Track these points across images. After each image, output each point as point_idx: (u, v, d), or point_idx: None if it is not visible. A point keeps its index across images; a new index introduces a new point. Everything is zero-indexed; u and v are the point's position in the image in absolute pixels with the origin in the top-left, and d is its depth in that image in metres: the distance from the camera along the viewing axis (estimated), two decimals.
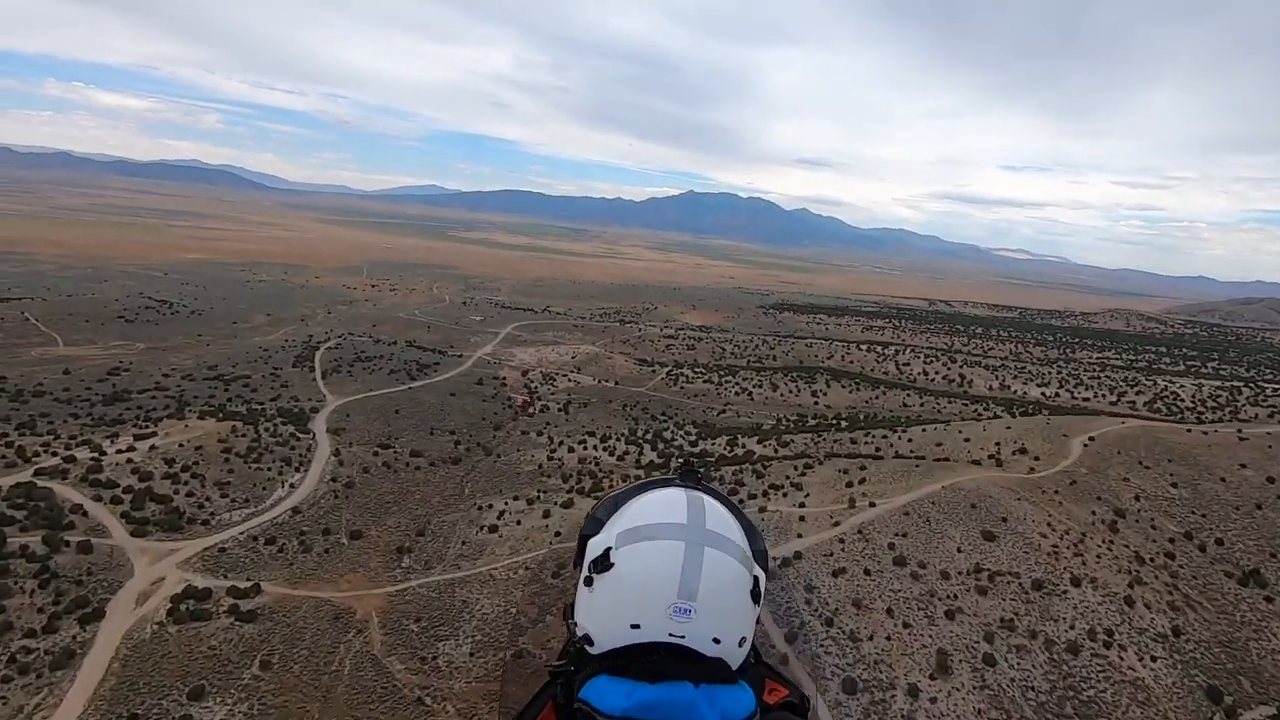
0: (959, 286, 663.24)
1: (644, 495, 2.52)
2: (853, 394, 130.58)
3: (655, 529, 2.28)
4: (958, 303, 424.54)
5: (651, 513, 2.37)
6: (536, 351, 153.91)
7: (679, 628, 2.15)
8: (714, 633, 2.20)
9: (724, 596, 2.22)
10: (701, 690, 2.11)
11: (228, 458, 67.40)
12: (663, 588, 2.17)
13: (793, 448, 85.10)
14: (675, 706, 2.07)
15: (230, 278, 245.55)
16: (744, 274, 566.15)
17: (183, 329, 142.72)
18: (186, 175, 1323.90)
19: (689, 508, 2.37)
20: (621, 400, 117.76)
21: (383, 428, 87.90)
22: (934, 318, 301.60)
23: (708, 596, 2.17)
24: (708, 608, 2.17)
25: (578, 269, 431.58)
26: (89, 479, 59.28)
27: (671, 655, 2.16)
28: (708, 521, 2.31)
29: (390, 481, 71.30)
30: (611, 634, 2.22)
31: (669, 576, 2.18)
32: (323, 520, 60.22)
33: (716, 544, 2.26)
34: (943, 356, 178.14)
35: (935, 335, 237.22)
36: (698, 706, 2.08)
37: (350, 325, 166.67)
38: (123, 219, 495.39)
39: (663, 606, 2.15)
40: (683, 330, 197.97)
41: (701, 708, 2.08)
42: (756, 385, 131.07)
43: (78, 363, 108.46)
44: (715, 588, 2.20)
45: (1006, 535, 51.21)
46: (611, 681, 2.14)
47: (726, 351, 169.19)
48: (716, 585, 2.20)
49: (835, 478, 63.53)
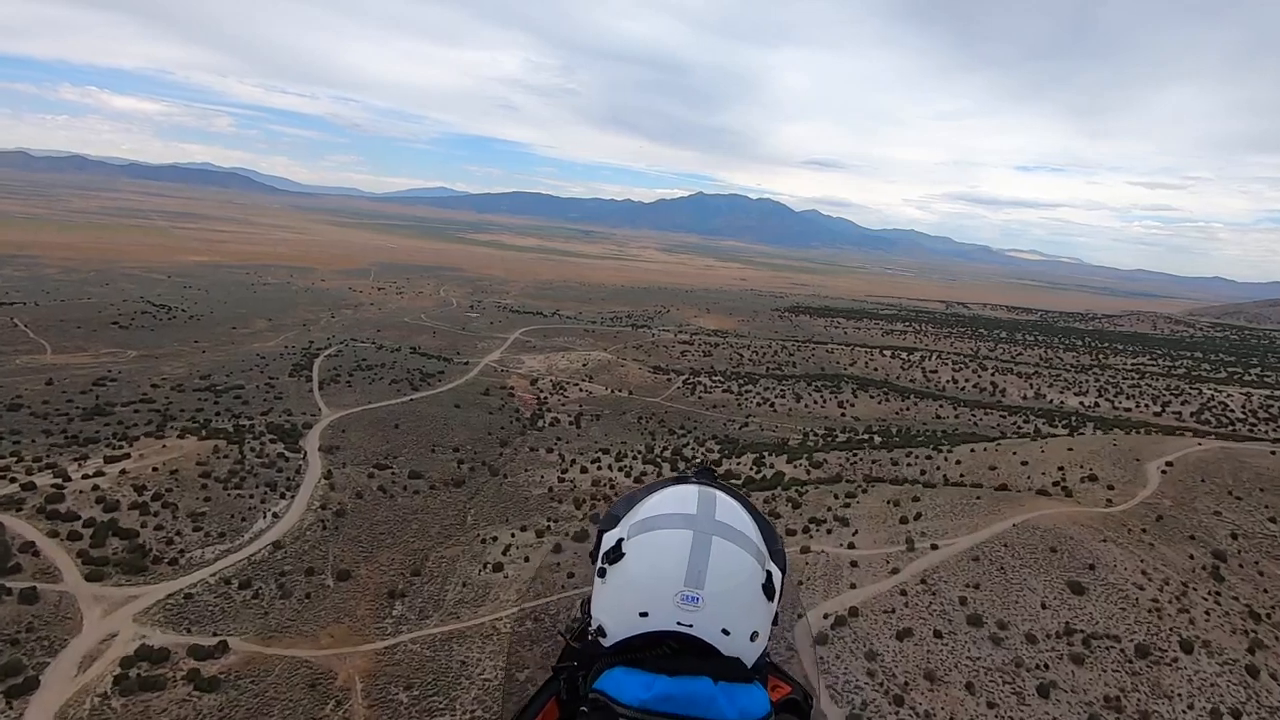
0: (973, 288, 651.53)
1: (659, 492, 2.51)
2: (881, 404, 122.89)
3: (665, 519, 2.31)
4: (975, 305, 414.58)
5: (663, 505, 2.39)
6: (546, 358, 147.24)
7: (687, 616, 2.14)
8: (723, 623, 2.17)
9: (732, 587, 2.20)
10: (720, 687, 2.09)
11: (205, 483, 60.88)
12: (670, 575, 2.17)
13: (827, 469, 77.77)
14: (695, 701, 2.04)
15: (234, 280, 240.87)
16: (755, 276, 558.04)
17: (179, 335, 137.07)
18: (199, 178, 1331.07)
19: (700, 500, 2.38)
20: (636, 412, 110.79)
21: (380, 445, 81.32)
22: (954, 321, 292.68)
23: (715, 585, 2.16)
24: (715, 597, 2.15)
25: (587, 271, 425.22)
26: (47, 510, 52.90)
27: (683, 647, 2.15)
28: (718, 513, 2.33)
29: (385, 508, 64.62)
30: (622, 623, 2.23)
31: (676, 564, 2.18)
32: (307, 557, 53.57)
33: (725, 534, 2.26)
34: (970, 363, 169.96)
35: (959, 339, 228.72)
36: (717, 701, 2.05)
37: (353, 330, 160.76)
38: (132, 222, 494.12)
39: (670, 594, 2.15)
40: (697, 335, 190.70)
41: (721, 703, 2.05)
42: (779, 395, 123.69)
43: (63, 372, 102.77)
44: (723, 577, 2.18)
45: (1097, 586, 43.73)
46: (629, 673, 2.11)
47: (744, 358, 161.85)
48: (724, 575, 2.19)
49: (885, 511, 56.17)
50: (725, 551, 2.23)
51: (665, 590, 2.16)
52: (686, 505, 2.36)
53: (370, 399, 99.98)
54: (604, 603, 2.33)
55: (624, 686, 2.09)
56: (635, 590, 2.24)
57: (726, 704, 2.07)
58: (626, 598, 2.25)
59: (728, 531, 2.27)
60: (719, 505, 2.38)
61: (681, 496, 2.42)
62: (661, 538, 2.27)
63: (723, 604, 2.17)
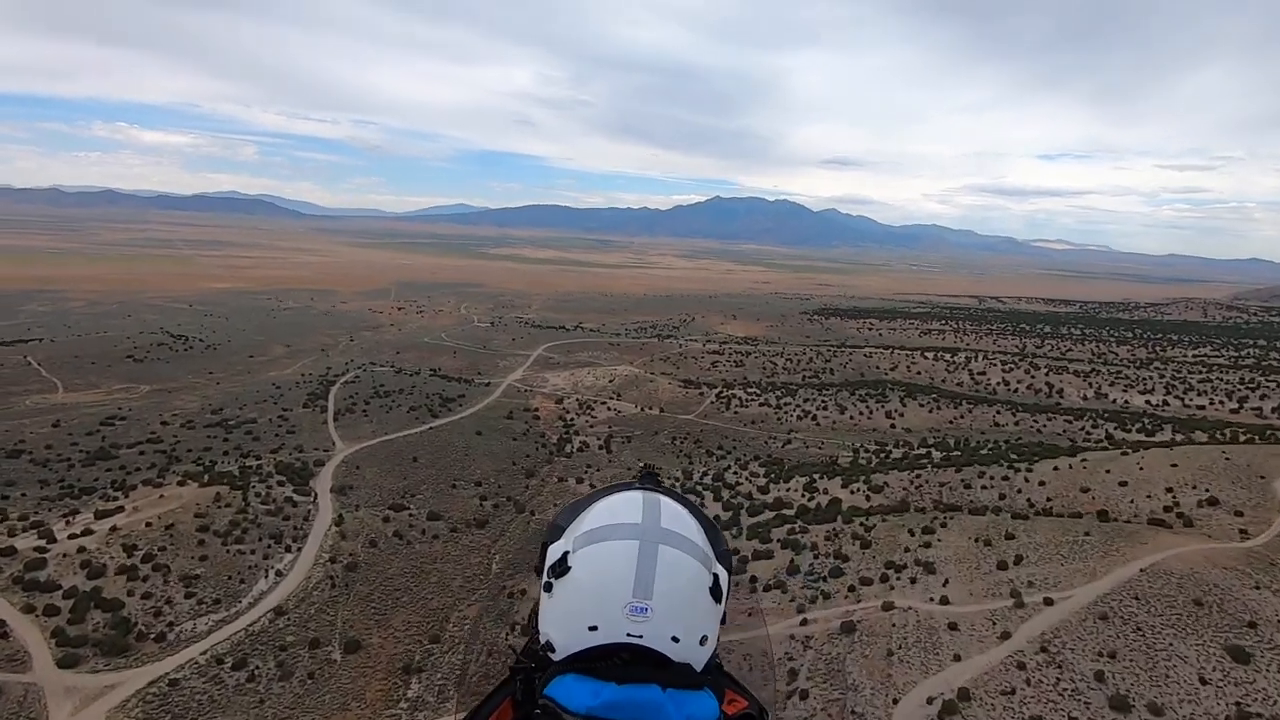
0: (1002, 281, 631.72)
1: (603, 500, 2.47)
2: (933, 413, 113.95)
3: (610, 530, 2.28)
4: (1009, 299, 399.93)
5: (608, 515, 2.35)
6: (571, 375, 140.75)
7: (636, 627, 2.13)
8: (672, 631, 2.17)
9: (681, 594, 2.20)
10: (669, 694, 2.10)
11: (203, 539, 54.99)
12: (618, 587, 2.16)
13: (889, 494, 69.68)
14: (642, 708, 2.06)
15: (255, 306, 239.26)
16: (778, 278, 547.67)
17: (194, 367, 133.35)
18: (225, 206, 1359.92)
19: (644, 508, 2.35)
20: (669, 431, 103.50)
21: (397, 482, 75.18)
22: (991, 317, 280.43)
23: (664, 594, 2.15)
24: (664, 606, 2.15)
25: (608, 281, 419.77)
26: (25, 579, 47.33)
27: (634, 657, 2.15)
28: (663, 520, 2.31)
29: (402, 558, 58.20)
30: (571, 637, 2.21)
31: (624, 576, 2.16)
32: (312, 624, 47.20)
33: (671, 542, 2.25)
34: (1020, 362, 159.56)
35: (1001, 337, 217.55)
36: (664, 709, 2.07)
37: (372, 354, 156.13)
38: (159, 252, 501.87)
39: (619, 606, 2.14)
40: (727, 344, 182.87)
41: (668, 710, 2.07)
42: (820, 407, 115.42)
43: (72, 412, 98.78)
44: (671, 585, 2.18)
45: (1264, 651, 35.35)
46: (578, 680, 2.12)
47: (778, 366, 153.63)
48: (672, 583, 2.18)
49: (975, 551, 48.10)
50: (671, 559, 2.21)
51: (613, 602, 2.15)
52: (631, 514, 2.32)
53: (387, 429, 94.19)
54: (552, 617, 2.28)
55: (573, 694, 2.09)
56: (583, 604, 2.20)
57: (674, 711, 2.08)
58: (575, 612, 2.21)
59: (673, 539, 2.26)
60: (664, 511, 2.35)
61: (626, 504, 2.38)
62: (607, 549, 2.23)
63: (671, 612, 2.17)
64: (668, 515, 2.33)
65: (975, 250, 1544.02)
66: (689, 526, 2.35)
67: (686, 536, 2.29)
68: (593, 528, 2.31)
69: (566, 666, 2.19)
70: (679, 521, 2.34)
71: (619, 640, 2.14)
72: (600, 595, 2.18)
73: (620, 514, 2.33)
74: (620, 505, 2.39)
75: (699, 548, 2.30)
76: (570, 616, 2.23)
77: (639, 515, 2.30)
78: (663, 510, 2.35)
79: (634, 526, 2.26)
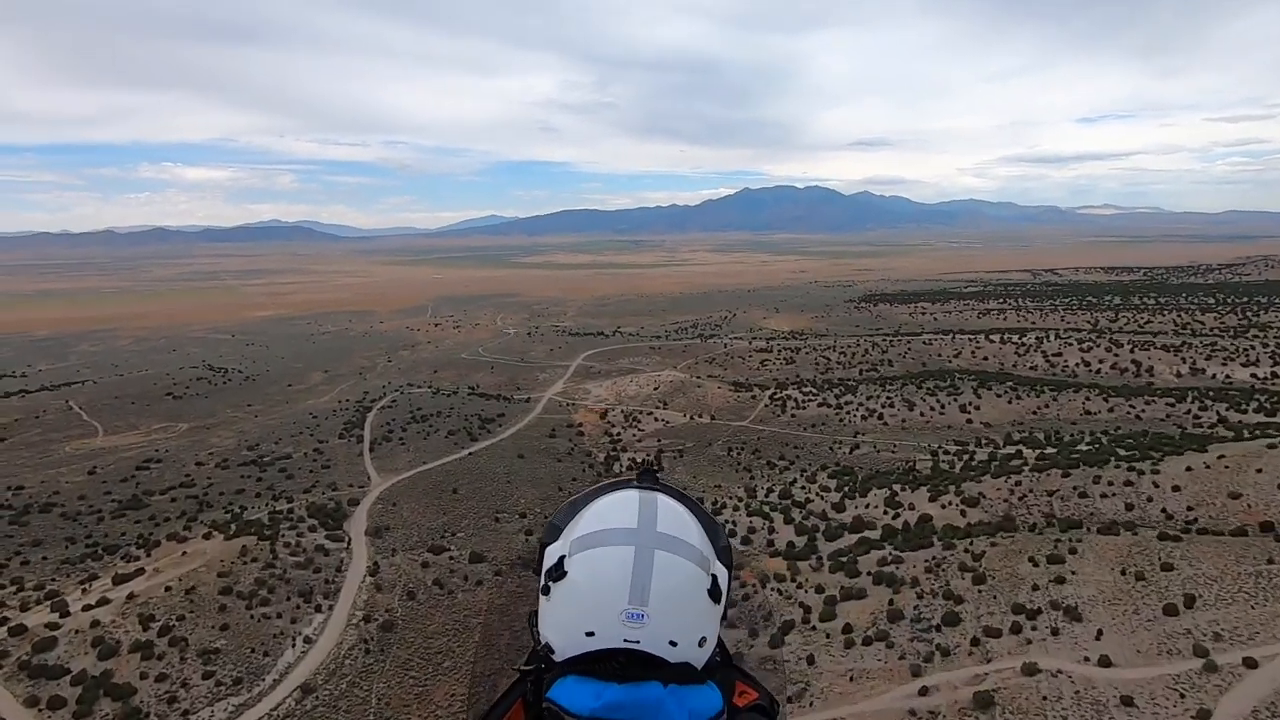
0: (1050, 253, 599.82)
1: (599, 499, 2.44)
2: (1013, 404, 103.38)
3: (606, 535, 2.27)
4: (1065, 270, 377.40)
5: (604, 518, 2.33)
6: (613, 384, 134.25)
7: (633, 633, 2.14)
8: (669, 636, 2.18)
9: (677, 599, 2.20)
10: (670, 690, 2.12)
11: (225, 603, 49.93)
12: (614, 594, 2.16)
13: (986, 507, 60.80)
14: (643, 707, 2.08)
15: (296, 332, 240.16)
16: (815, 266, 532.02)
17: (233, 400, 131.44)
18: (267, 235, 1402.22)
19: (640, 510, 2.33)
20: (724, 441, 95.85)
21: (437, 518, 69.56)
22: (1051, 291, 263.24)
23: (660, 600, 2.16)
24: (661, 612, 2.15)
25: (643, 282, 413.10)
26: (32, 664, 42.79)
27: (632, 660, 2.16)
28: (659, 524, 2.29)
29: (443, 612, 52.18)
30: (569, 642, 2.22)
31: (619, 583, 2.16)
32: (342, 703, 41.36)
33: (667, 546, 2.24)
34: (1097, 339, 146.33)
35: (1068, 312, 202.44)
36: (665, 706, 2.09)
37: (410, 374, 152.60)
38: (205, 284, 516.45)
39: (615, 613, 2.14)
40: (774, 340, 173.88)
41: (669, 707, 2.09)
42: (885, 404, 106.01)
43: (110, 457, 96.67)
44: (667, 591, 2.18)
45: None
46: (580, 682, 2.14)
47: (832, 361, 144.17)
48: (669, 588, 2.18)
49: (1126, 588, 39.27)
50: (668, 564, 2.21)
51: (610, 609, 2.15)
52: (627, 517, 2.30)
53: (425, 458, 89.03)
54: (550, 621, 2.29)
55: (575, 696, 2.11)
56: (580, 610, 2.20)
57: (676, 707, 2.10)
58: (572, 618, 2.21)
59: (669, 543, 2.25)
60: (660, 512, 2.33)
61: (622, 505, 2.35)
62: (603, 555, 2.22)
63: (669, 617, 2.17)
64: (664, 516, 2.31)
65: (1017, 222, 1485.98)
66: (686, 527, 2.32)
67: (683, 539, 2.27)
68: (589, 531, 2.28)
69: (568, 668, 2.20)
70: (676, 522, 2.31)
71: (615, 646, 2.14)
72: (596, 602, 2.17)
73: (616, 517, 2.30)
74: (616, 507, 2.34)
75: (696, 550, 2.28)
76: (567, 622, 2.21)
77: (635, 518, 2.28)
78: (659, 511, 2.33)
79: (629, 531, 2.24)
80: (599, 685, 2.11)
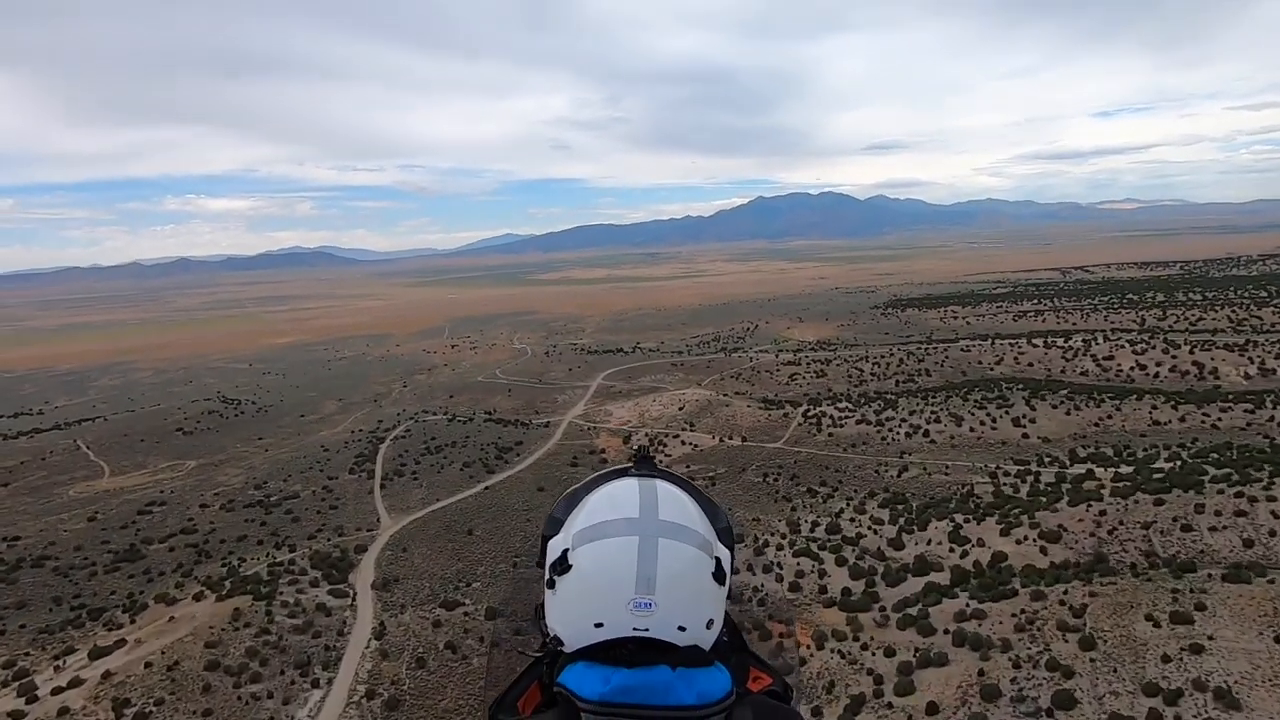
0: (1075, 250, 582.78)
1: (599, 490, 2.44)
2: (1070, 415, 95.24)
3: (608, 526, 2.27)
4: (1095, 267, 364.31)
5: (605, 509, 2.33)
6: (636, 405, 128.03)
7: (641, 621, 2.16)
8: (678, 621, 2.21)
9: (683, 584, 2.22)
10: (679, 673, 2.15)
11: (210, 681, 44.28)
12: (620, 585, 2.17)
13: (1070, 542, 53.37)
14: (652, 689, 2.12)
15: (313, 359, 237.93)
16: (833, 272, 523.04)
17: (244, 433, 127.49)
18: (288, 261, 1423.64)
19: (641, 499, 2.34)
20: (758, 465, 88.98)
21: (450, 565, 63.66)
22: (1086, 290, 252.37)
23: (666, 587, 2.18)
24: (668, 598, 2.18)
25: (661, 295, 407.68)
26: None
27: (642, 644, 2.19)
28: (661, 511, 2.31)
29: (457, 682, 46.04)
30: (577, 634, 2.24)
31: (625, 573, 2.18)
32: None
33: (671, 533, 2.26)
34: (1150, 340, 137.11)
35: (1110, 311, 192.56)
36: (675, 687, 2.13)
37: (425, 400, 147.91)
38: (228, 312, 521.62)
39: (622, 603, 2.16)
40: (801, 352, 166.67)
41: (678, 689, 2.13)
42: (930, 419, 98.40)
43: (113, 500, 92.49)
44: (673, 577, 2.20)
45: None
46: (589, 667, 2.18)
47: (865, 373, 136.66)
48: (674, 575, 2.20)
49: None
50: (672, 551, 2.22)
51: (617, 600, 2.16)
52: (628, 506, 2.30)
53: (439, 494, 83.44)
54: (557, 614, 2.31)
55: (584, 681, 2.14)
56: (587, 602, 2.22)
57: (684, 689, 2.13)
58: (579, 610, 2.23)
59: (672, 529, 2.26)
60: (661, 499, 2.34)
61: (623, 495, 2.36)
62: (607, 547, 2.22)
63: (676, 603, 2.19)
64: (665, 503, 2.32)
65: (1036, 220, 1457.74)
66: (688, 512, 2.34)
67: (685, 525, 2.29)
68: (591, 523, 2.28)
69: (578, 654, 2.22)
70: (677, 509, 2.33)
71: (624, 635, 2.17)
72: (603, 593, 2.18)
73: (618, 507, 2.30)
74: (617, 497, 2.35)
75: (699, 534, 2.30)
76: (575, 614, 2.22)
77: (636, 507, 2.29)
78: (659, 498, 2.34)
79: (632, 521, 2.25)
80: (608, 670, 2.14)
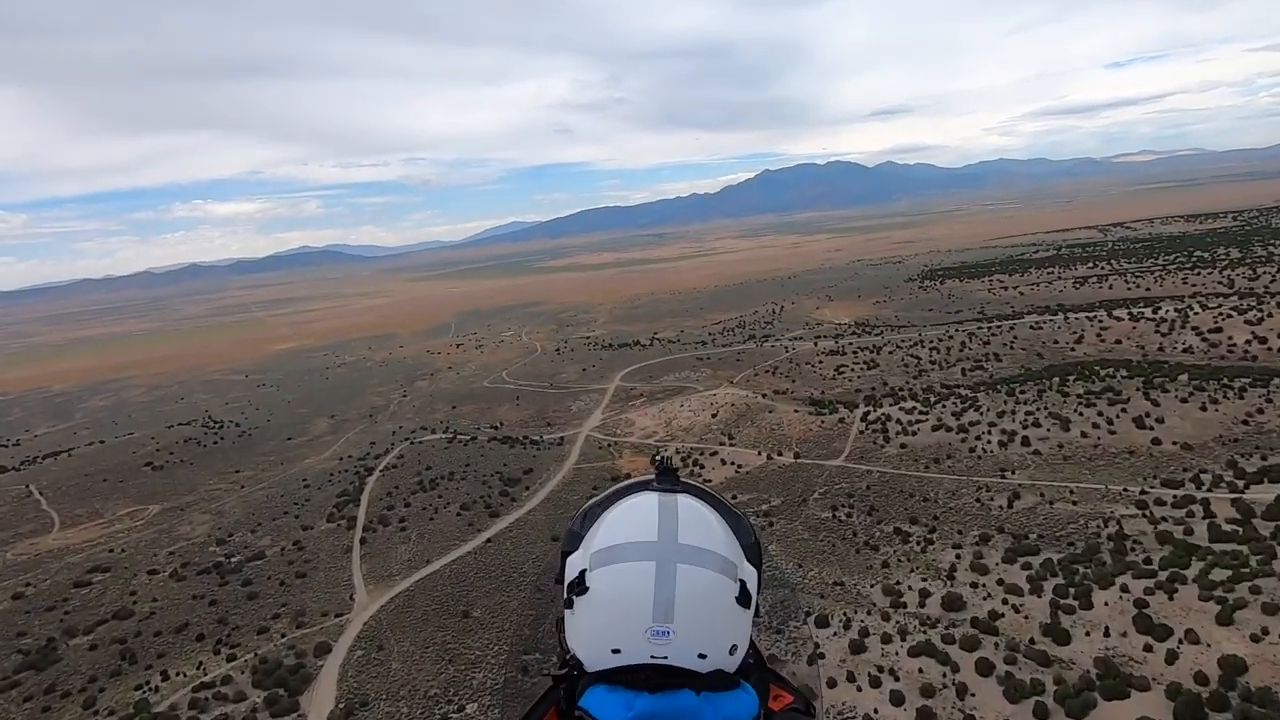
0: (1100, 206, 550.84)
1: (618, 505, 2.36)
2: (1207, 411, 76.83)
3: (625, 549, 2.19)
4: (1135, 224, 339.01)
5: (623, 529, 2.25)
6: (661, 411, 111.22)
7: (659, 649, 2.09)
8: (698, 649, 2.13)
9: (703, 612, 2.13)
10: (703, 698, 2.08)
11: None
12: (637, 612, 2.10)
13: None
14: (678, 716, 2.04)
15: (312, 366, 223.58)
16: (849, 243, 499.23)
17: (221, 464, 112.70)
18: (297, 262, 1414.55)
19: (660, 519, 2.24)
20: (822, 495, 71.79)
21: (439, 671, 47.65)
22: (1140, 250, 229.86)
23: (685, 615, 2.09)
24: (687, 627, 2.09)
25: (673, 277, 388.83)
26: None
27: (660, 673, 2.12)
28: (681, 533, 2.21)
29: None
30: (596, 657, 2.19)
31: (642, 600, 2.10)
32: None
33: (690, 558, 2.16)
34: (1258, 305, 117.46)
35: (1185, 272, 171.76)
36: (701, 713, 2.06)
37: (425, 413, 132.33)
38: (233, 318, 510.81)
39: (640, 631, 2.09)
40: (842, 338, 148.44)
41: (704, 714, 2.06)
42: (1027, 422, 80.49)
43: (54, 565, 77.88)
44: (692, 605, 2.11)
45: None
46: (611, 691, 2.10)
47: (924, 360, 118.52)
48: (694, 603, 2.11)
49: None
50: (692, 577, 2.13)
51: (634, 627, 2.10)
52: (647, 528, 2.21)
53: (430, 551, 67.58)
54: (576, 635, 2.26)
55: (606, 706, 2.08)
56: (604, 627, 2.16)
57: (710, 714, 2.06)
58: (596, 634, 2.18)
59: (693, 554, 2.16)
60: (681, 520, 2.24)
61: (641, 513, 2.27)
62: (623, 571, 2.15)
63: (695, 632, 2.11)
64: (686, 524, 2.22)
65: (1050, 178, 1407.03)
66: (711, 532, 2.24)
67: (707, 549, 2.18)
68: (609, 544, 2.20)
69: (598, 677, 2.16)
70: (699, 529, 2.22)
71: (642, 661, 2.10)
72: (620, 619, 2.12)
73: (635, 528, 2.22)
74: (636, 516, 2.27)
75: (721, 557, 2.18)
76: (592, 638, 2.17)
77: (654, 529, 2.19)
78: (680, 518, 2.24)
79: (650, 545, 2.16)
80: (630, 695, 2.06)
